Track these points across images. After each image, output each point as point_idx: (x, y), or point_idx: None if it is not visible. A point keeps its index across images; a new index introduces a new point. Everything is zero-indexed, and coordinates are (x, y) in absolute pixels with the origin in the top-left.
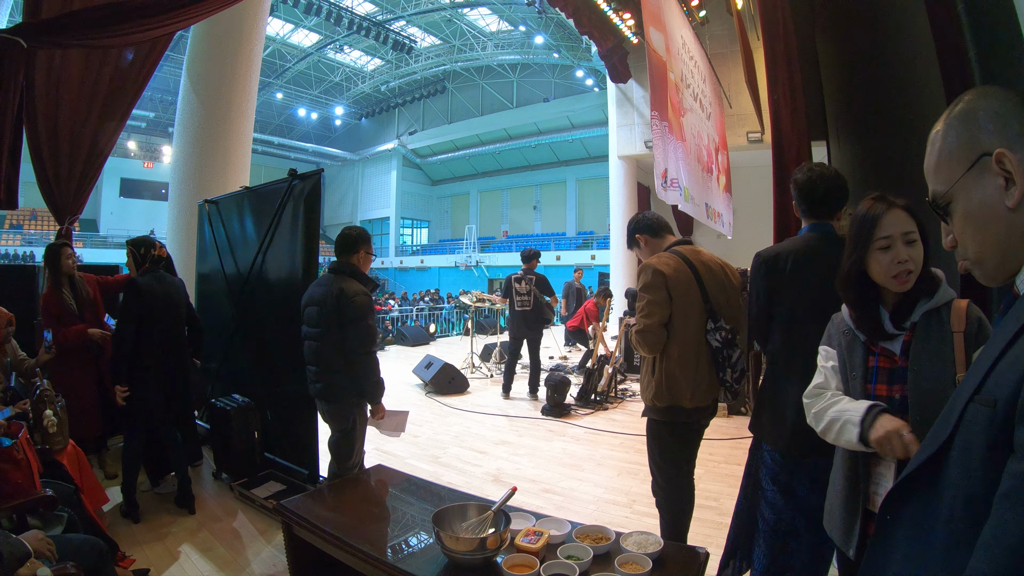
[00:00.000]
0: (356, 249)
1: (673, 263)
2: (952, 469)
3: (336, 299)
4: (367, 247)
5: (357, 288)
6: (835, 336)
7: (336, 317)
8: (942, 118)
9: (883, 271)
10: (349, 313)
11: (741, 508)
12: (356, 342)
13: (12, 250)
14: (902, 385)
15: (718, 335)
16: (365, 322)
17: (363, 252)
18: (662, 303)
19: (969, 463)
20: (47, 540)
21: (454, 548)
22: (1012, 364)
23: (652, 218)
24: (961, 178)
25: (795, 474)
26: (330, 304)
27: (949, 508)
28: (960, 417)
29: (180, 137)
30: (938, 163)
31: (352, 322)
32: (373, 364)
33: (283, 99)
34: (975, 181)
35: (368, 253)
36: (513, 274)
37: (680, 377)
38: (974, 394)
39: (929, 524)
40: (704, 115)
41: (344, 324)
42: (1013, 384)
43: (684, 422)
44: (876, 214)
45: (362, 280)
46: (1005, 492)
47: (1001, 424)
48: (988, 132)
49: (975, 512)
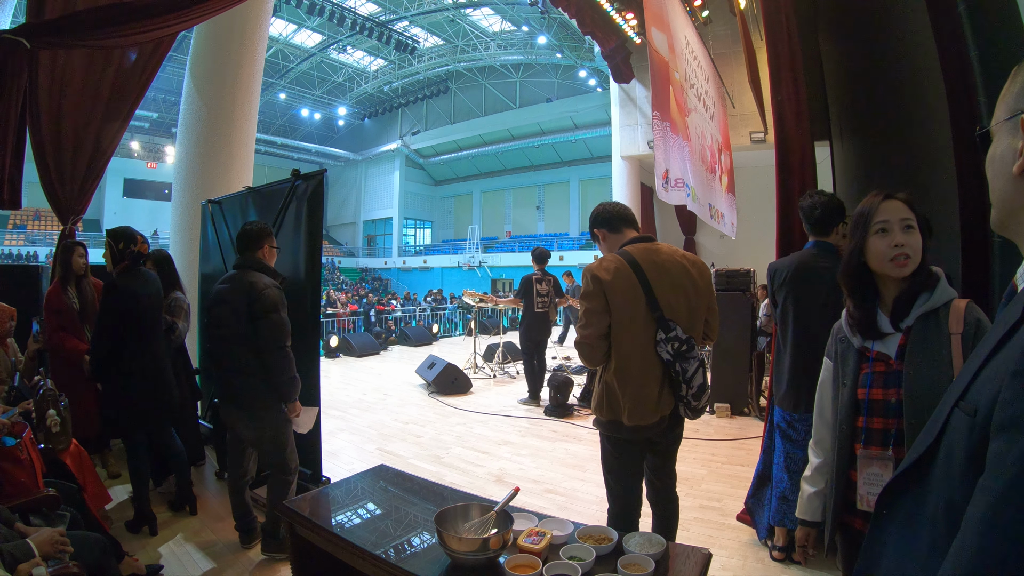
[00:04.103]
0: (260, 244)
1: (614, 266)
2: (936, 473)
3: (246, 294)
4: (270, 241)
5: (267, 281)
6: (832, 345)
7: (247, 313)
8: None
9: (880, 255)
10: (260, 307)
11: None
12: (269, 337)
13: (16, 250)
14: (898, 389)
15: (669, 347)
16: (278, 315)
17: (267, 246)
18: (599, 312)
19: (950, 470)
20: (61, 541)
21: (456, 548)
22: (993, 373)
23: (611, 211)
24: (1001, 123)
25: (793, 424)
26: (240, 300)
27: (932, 511)
28: (945, 422)
29: (183, 137)
30: (1002, 97)
31: (263, 315)
32: (287, 360)
33: (286, 99)
34: (1007, 132)
35: (272, 247)
36: (532, 275)
37: (618, 391)
38: (959, 400)
39: (916, 524)
40: (707, 115)
41: (255, 318)
42: (993, 394)
43: (626, 439)
44: (874, 202)
45: (270, 274)
46: (970, 512)
47: (980, 434)
48: None
49: (954, 519)
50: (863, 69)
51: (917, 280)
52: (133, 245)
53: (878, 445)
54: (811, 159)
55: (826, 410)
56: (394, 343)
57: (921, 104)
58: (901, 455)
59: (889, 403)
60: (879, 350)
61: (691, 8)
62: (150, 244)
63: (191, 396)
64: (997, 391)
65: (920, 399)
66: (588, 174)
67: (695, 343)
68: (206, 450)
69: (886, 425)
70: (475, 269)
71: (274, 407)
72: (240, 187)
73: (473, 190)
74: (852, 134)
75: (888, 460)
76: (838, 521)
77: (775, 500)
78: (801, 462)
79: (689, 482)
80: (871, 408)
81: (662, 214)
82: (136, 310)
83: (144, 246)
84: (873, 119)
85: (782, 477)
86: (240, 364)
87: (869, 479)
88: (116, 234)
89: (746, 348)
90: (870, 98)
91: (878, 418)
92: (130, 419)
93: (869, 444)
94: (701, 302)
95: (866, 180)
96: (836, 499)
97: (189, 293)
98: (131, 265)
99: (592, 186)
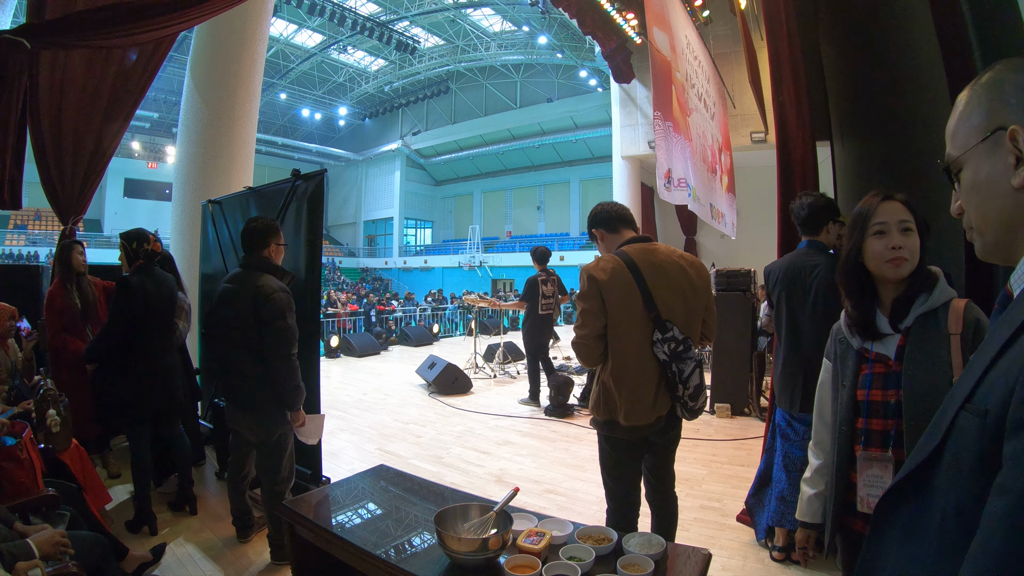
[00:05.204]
0: (267, 242)
1: (611, 267)
2: (943, 477)
3: (252, 297)
4: (277, 238)
5: (276, 285)
6: (831, 346)
7: (253, 317)
8: (970, 84)
9: (877, 256)
10: (267, 312)
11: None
12: (274, 344)
13: (16, 250)
14: (897, 390)
15: (666, 347)
16: (284, 321)
17: (274, 244)
18: (595, 312)
19: (959, 472)
20: (62, 542)
21: (456, 549)
22: (1004, 373)
23: (609, 211)
24: (974, 147)
25: (791, 424)
26: (245, 303)
27: (940, 516)
28: (951, 425)
29: (184, 137)
30: (956, 128)
31: (270, 322)
32: (292, 369)
33: (287, 100)
34: (987, 153)
35: (279, 244)
36: (536, 276)
37: (614, 392)
38: (965, 402)
39: (921, 530)
40: (708, 115)
41: (261, 324)
42: (1004, 394)
43: (623, 439)
44: (872, 204)
45: (277, 274)
46: (990, 513)
47: (992, 435)
48: (1010, 106)
49: (966, 522)
50: (863, 69)
51: (916, 281)
52: (146, 244)
53: (878, 446)
54: (812, 159)
55: (825, 411)
56: (394, 343)
57: (923, 104)
58: (901, 456)
59: (888, 404)
60: (878, 351)
61: (692, 8)
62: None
63: (191, 396)
64: (1009, 391)
65: (919, 400)
66: (589, 174)
67: (692, 344)
68: (206, 450)
69: (886, 426)
70: (476, 269)
71: (279, 412)
72: (240, 187)
73: (474, 190)
74: (853, 134)
75: (888, 462)
76: (838, 523)
77: (774, 500)
78: (799, 461)
79: (689, 482)
80: (871, 409)
81: (662, 214)
82: (147, 308)
83: (157, 244)
84: (873, 119)
85: (781, 477)
86: (244, 367)
87: (869, 481)
88: (129, 235)
89: (746, 348)
90: (870, 98)
91: (878, 419)
92: (135, 416)
93: (869, 445)
94: (699, 302)
95: (867, 180)
96: (836, 501)
97: (190, 293)
98: (146, 264)
99: (593, 186)
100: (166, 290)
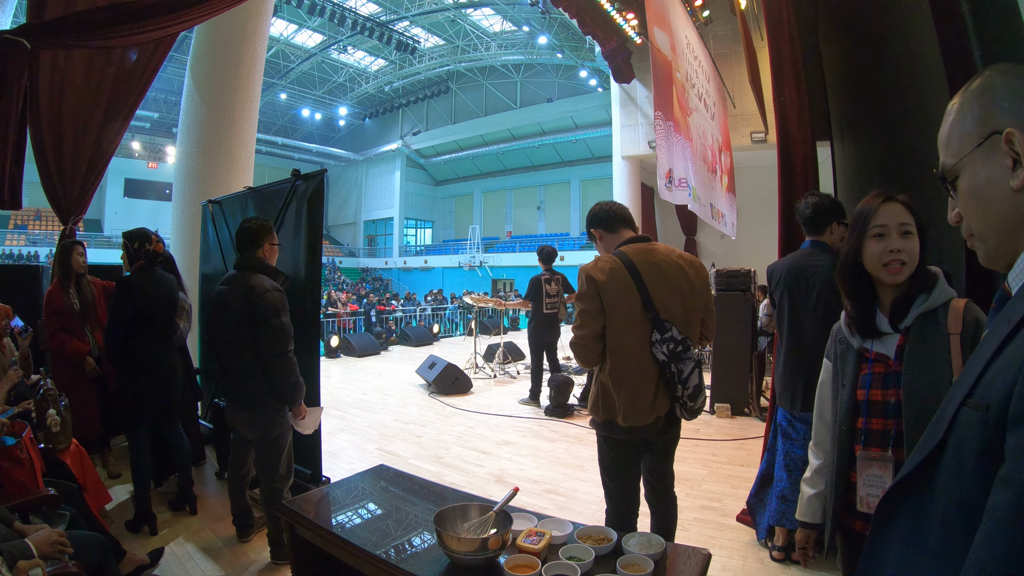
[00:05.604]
0: (260, 242)
1: (609, 267)
2: (945, 473)
3: (245, 298)
4: (271, 238)
5: (268, 284)
6: (831, 346)
7: (247, 318)
8: (960, 91)
9: (875, 259)
10: (260, 312)
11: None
12: (270, 343)
13: (16, 250)
14: (897, 390)
15: (665, 347)
16: (278, 320)
17: (267, 244)
18: (594, 313)
19: (961, 468)
20: (61, 542)
21: (456, 548)
22: (1004, 367)
23: (608, 210)
24: (969, 153)
25: (792, 423)
26: (239, 304)
27: (943, 513)
28: (952, 421)
29: (184, 137)
30: (949, 135)
31: (264, 322)
32: (290, 366)
33: (287, 100)
34: (983, 158)
35: (272, 244)
36: (540, 275)
37: (612, 392)
38: (966, 397)
39: (923, 528)
40: (708, 115)
41: (256, 324)
42: (1005, 388)
43: (622, 439)
44: (873, 205)
45: (271, 274)
46: (994, 505)
47: (994, 429)
48: (1003, 110)
49: (969, 517)
50: (864, 69)
51: (915, 282)
52: (148, 244)
53: (878, 446)
54: (813, 159)
55: (826, 411)
56: (395, 343)
57: (923, 104)
58: (901, 456)
59: (888, 404)
60: (878, 351)
61: (692, 8)
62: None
63: (191, 396)
64: (1010, 385)
65: (919, 399)
66: (589, 174)
67: (691, 344)
68: (206, 450)
69: (885, 426)
70: (476, 269)
71: (277, 409)
72: (241, 187)
73: (474, 190)
74: (853, 134)
75: (888, 461)
76: (838, 523)
77: (774, 500)
78: (799, 461)
79: (689, 482)
80: (870, 409)
81: (663, 214)
82: (146, 307)
83: (159, 245)
84: (874, 119)
85: (781, 476)
86: (242, 367)
87: (869, 480)
88: (131, 235)
89: (747, 348)
90: (871, 98)
91: (877, 419)
92: (135, 415)
93: (869, 445)
94: (698, 303)
95: (867, 180)
96: (836, 501)
97: (190, 293)
98: (147, 264)
99: (593, 186)
100: (167, 290)
